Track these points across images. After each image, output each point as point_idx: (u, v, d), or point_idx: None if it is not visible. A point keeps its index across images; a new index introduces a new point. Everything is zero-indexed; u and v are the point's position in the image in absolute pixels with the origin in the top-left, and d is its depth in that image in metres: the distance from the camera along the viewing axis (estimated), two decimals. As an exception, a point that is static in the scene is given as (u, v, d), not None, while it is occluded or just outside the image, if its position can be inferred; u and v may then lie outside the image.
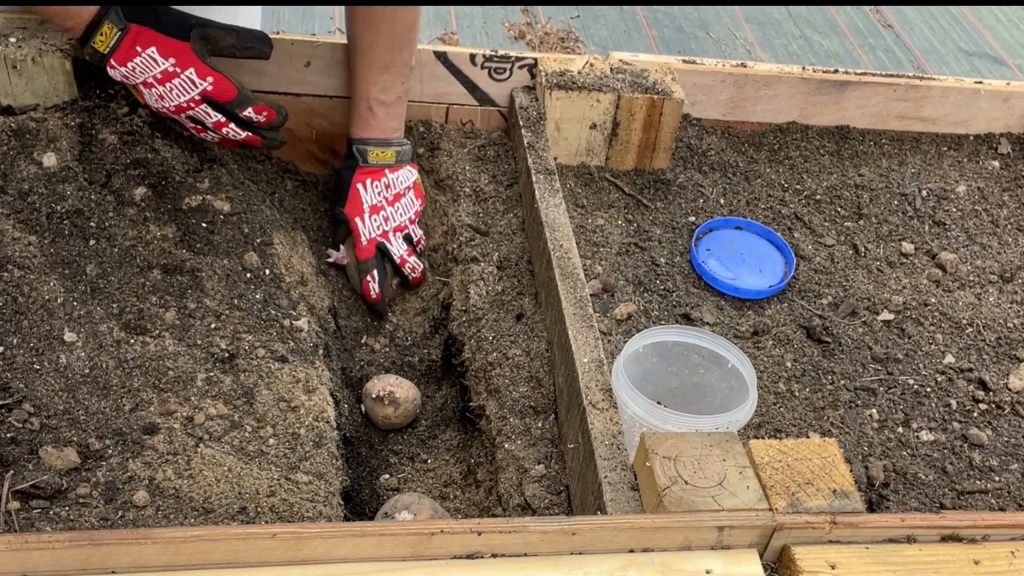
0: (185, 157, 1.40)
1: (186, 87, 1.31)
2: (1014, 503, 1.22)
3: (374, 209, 1.49)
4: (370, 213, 1.49)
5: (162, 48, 1.28)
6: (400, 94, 1.50)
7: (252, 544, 0.85)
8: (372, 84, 1.47)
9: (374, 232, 1.49)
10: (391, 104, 1.50)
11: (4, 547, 0.81)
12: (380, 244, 1.50)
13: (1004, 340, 1.43)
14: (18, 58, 1.38)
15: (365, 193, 1.49)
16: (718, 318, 1.40)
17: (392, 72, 1.47)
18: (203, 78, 1.31)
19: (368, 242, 1.49)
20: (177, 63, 1.29)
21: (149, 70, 1.29)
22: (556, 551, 0.90)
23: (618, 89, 1.56)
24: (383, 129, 1.50)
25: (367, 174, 1.49)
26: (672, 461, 0.98)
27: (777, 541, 0.94)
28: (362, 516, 1.27)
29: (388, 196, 1.50)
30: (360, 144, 1.50)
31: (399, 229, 1.51)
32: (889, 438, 1.27)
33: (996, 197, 1.70)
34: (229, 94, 1.33)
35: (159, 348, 1.20)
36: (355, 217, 1.49)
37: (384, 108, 1.49)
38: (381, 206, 1.50)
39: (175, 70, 1.29)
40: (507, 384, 1.30)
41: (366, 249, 1.50)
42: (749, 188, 1.64)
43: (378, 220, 1.49)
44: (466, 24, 4.02)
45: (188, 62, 1.29)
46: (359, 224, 1.49)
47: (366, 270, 1.50)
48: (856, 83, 1.72)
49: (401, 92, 1.50)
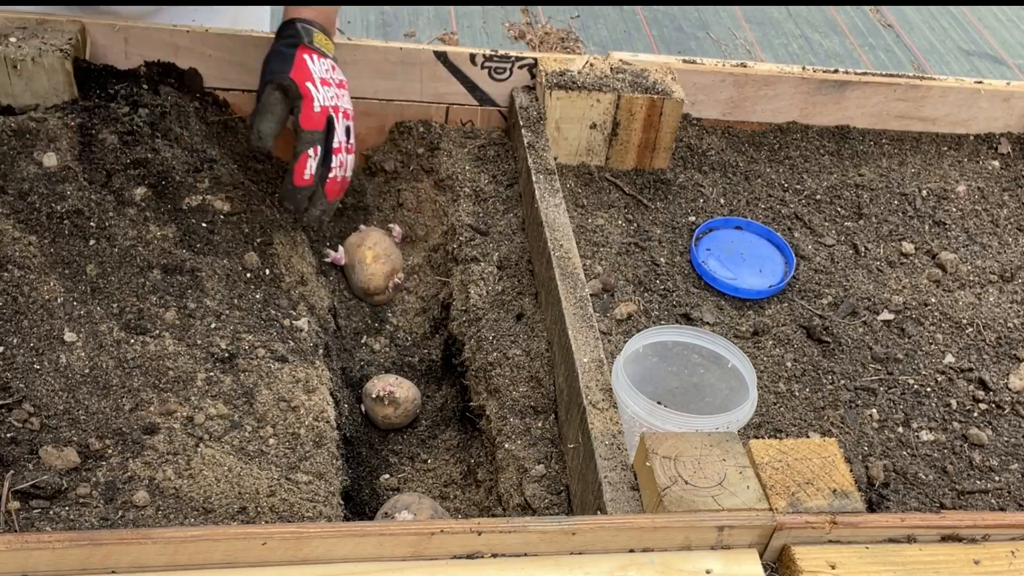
0: (185, 156, 1.40)
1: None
2: (1014, 503, 1.22)
3: (324, 81, 1.34)
4: (321, 83, 1.34)
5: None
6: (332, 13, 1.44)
7: (252, 544, 0.85)
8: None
9: (327, 101, 1.33)
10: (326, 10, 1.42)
11: (4, 547, 0.81)
12: (330, 117, 1.33)
13: (1004, 340, 1.43)
14: (18, 58, 1.38)
15: (313, 65, 1.34)
16: (718, 318, 1.40)
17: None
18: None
19: (321, 110, 1.32)
20: None
21: None
22: (556, 551, 0.90)
23: (618, 89, 1.56)
24: (324, 16, 1.40)
25: (312, 52, 1.36)
26: (672, 461, 0.98)
27: (777, 541, 0.94)
28: (362, 516, 1.27)
29: (335, 78, 1.37)
30: (305, 23, 1.37)
31: (346, 115, 1.36)
32: (889, 438, 1.27)
33: (996, 197, 1.70)
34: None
35: (159, 348, 1.20)
36: (306, 82, 1.32)
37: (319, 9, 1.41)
38: (330, 83, 1.35)
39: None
40: (507, 384, 1.30)
41: (316, 118, 1.32)
42: (749, 188, 1.64)
43: (330, 92, 1.34)
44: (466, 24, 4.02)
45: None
46: (311, 89, 1.32)
47: (310, 142, 1.32)
48: (856, 83, 1.72)
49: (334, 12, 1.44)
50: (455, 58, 1.60)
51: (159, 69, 1.50)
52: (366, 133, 1.64)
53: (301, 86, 1.32)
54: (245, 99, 1.56)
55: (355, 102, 1.60)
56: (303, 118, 1.31)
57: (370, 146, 1.65)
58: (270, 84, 1.33)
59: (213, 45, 1.51)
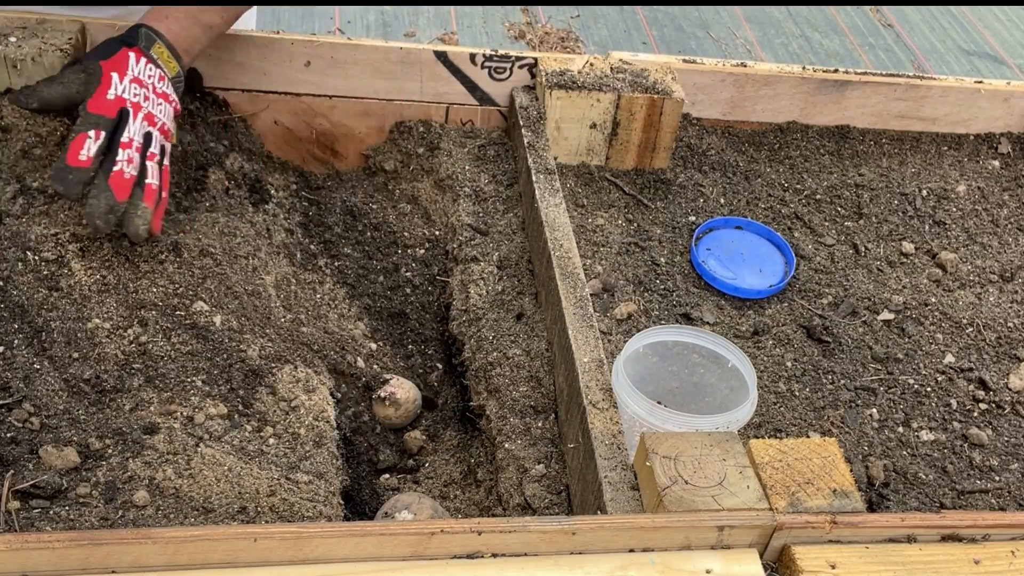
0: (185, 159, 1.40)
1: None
2: (1014, 503, 1.22)
3: (137, 81, 1.26)
4: (132, 81, 1.25)
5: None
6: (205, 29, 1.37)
7: (252, 544, 0.85)
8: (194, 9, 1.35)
9: (127, 95, 1.24)
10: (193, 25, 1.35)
11: (4, 547, 0.81)
12: (125, 110, 1.23)
13: (1004, 340, 1.43)
14: (18, 57, 1.38)
15: (136, 64, 1.27)
16: (718, 318, 1.40)
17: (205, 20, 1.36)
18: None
19: (116, 100, 1.23)
20: None
21: None
22: (556, 551, 0.90)
23: (618, 89, 1.56)
24: (178, 37, 1.33)
25: (142, 55, 1.28)
26: (672, 461, 0.98)
27: (777, 541, 0.94)
28: (362, 516, 1.28)
29: (157, 88, 1.28)
30: (152, 32, 1.31)
31: (150, 119, 1.26)
32: (889, 438, 1.27)
33: (996, 197, 1.70)
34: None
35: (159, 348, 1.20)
36: (112, 71, 1.25)
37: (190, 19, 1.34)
38: (147, 86, 1.26)
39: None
40: (507, 384, 1.30)
41: (108, 105, 1.22)
42: (749, 188, 1.64)
43: (138, 91, 1.25)
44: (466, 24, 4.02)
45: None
46: (114, 78, 1.24)
47: (93, 124, 1.21)
48: (856, 83, 1.72)
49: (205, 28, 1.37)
50: (455, 58, 1.60)
51: (159, 69, 1.50)
52: (366, 133, 1.64)
53: (104, 73, 1.24)
54: (245, 99, 1.56)
55: (355, 102, 1.60)
56: (91, 101, 1.23)
57: (370, 146, 1.65)
58: (78, 63, 1.27)
59: (213, 45, 1.51)
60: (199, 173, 1.41)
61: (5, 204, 1.26)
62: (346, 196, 1.61)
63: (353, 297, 1.53)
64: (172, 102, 1.31)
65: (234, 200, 1.42)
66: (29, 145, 1.32)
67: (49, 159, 1.31)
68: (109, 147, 1.21)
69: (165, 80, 1.30)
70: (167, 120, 1.29)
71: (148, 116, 1.26)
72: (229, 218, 1.38)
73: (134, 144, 1.22)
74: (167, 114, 1.30)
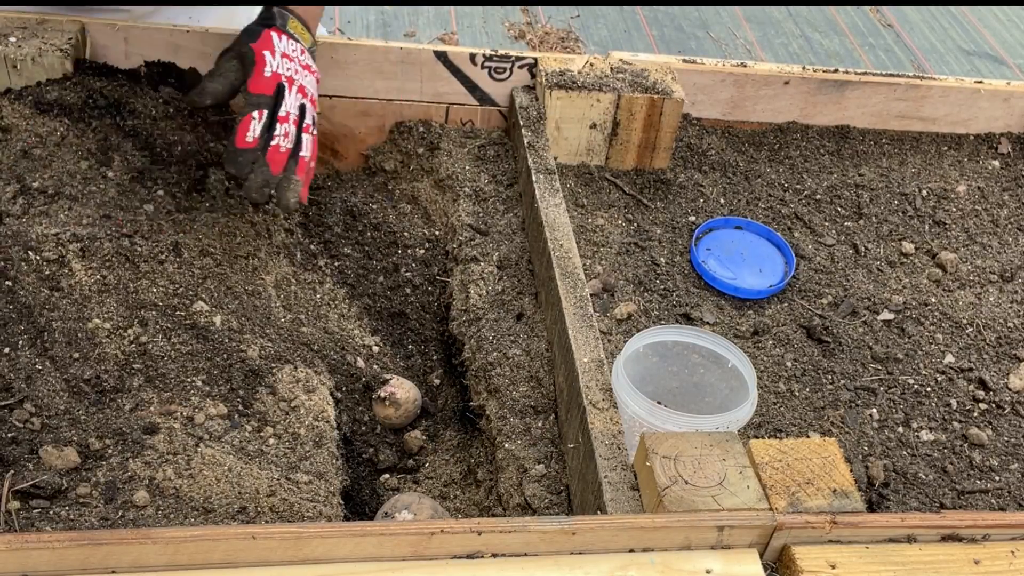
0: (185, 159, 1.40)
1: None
2: (1014, 503, 1.22)
3: (286, 55, 1.32)
4: (281, 55, 1.31)
5: None
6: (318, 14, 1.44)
7: (252, 544, 0.85)
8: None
9: (281, 70, 1.30)
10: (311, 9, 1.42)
11: (4, 547, 0.81)
12: (281, 85, 1.29)
13: (1004, 340, 1.43)
14: (18, 58, 1.38)
15: (279, 42, 1.33)
16: (718, 318, 1.40)
17: None
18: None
19: (272, 76, 1.29)
20: None
21: None
22: (556, 551, 0.90)
23: (618, 89, 1.56)
24: (306, 11, 1.40)
25: (282, 32, 1.35)
26: (672, 461, 0.98)
27: (777, 541, 0.94)
28: (362, 516, 1.28)
29: (302, 60, 1.34)
30: (284, 10, 1.37)
31: (302, 91, 1.32)
32: (889, 438, 1.27)
33: (996, 197, 1.70)
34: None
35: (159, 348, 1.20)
36: (264, 50, 1.30)
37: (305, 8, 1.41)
38: (294, 59, 1.33)
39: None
40: (507, 384, 1.30)
41: (264, 83, 1.29)
42: (749, 188, 1.64)
43: (288, 64, 1.31)
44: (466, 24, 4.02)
45: None
46: (267, 56, 1.30)
47: (256, 105, 1.27)
48: (856, 83, 1.72)
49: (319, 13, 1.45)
50: (455, 58, 1.60)
51: (159, 69, 1.50)
52: (366, 133, 1.64)
53: (257, 53, 1.30)
54: (245, 99, 1.56)
55: (355, 102, 1.60)
56: (251, 82, 1.29)
57: (370, 146, 1.65)
58: (229, 52, 1.33)
59: (213, 45, 1.51)
60: (199, 173, 1.41)
61: (5, 204, 1.26)
62: (346, 196, 1.61)
63: (353, 297, 1.53)
64: (314, 72, 1.38)
65: (234, 200, 1.42)
66: (29, 145, 1.32)
67: (49, 159, 1.31)
68: (270, 123, 1.27)
69: (305, 52, 1.36)
70: (313, 90, 1.35)
71: (300, 88, 1.32)
72: (229, 218, 1.38)
73: (291, 117, 1.29)
74: (312, 84, 1.36)
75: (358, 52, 1.56)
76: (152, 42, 1.50)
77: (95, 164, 1.34)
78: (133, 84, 1.46)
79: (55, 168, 1.31)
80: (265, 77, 1.29)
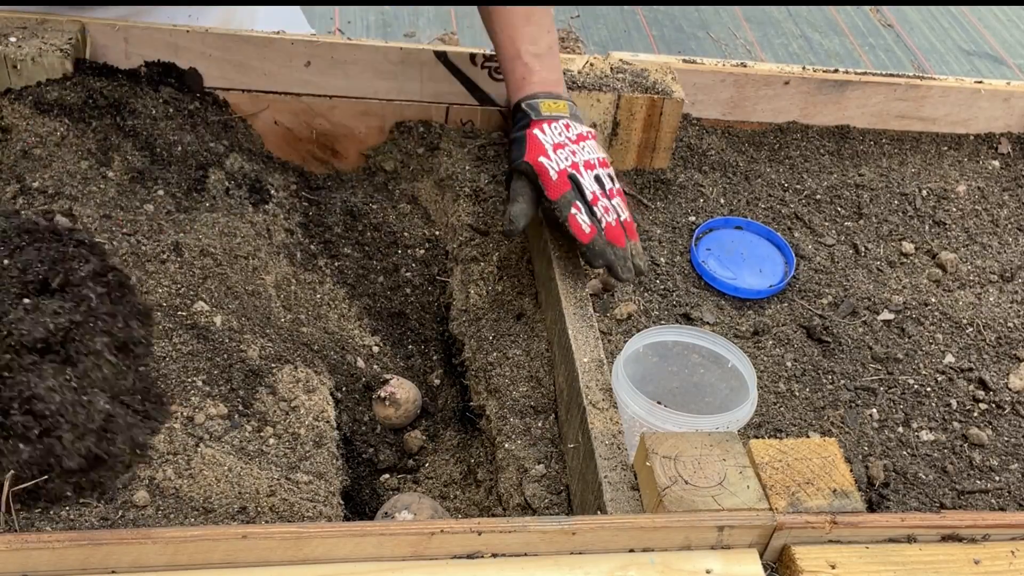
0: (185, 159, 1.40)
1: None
2: (1014, 503, 1.22)
3: (557, 146, 1.33)
4: (554, 149, 1.33)
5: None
6: (551, 44, 1.42)
7: (252, 544, 0.85)
8: (519, 40, 1.40)
9: (563, 164, 1.32)
10: (544, 56, 1.42)
11: (4, 547, 0.81)
12: (572, 175, 1.31)
13: (1004, 340, 1.43)
14: (18, 58, 1.38)
15: (544, 136, 1.34)
16: (718, 318, 1.40)
17: (535, 20, 1.41)
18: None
19: (559, 175, 1.31)
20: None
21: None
22: (556, 551, 0.90)
23: (618, 89, 1.56)
24: (546, 83, 1.40)
25: (543, 122, 1.36)
26: (672, 461, 0.98)
27: (777, 541, 0.94)
28: (362, 516, 1.28)
29: (571, 136, 1.35)
30: (529, 100, 1.38)
31: (589, 165, 1.33)
32: (889, 438, 1.27)
33: (996, 197, 1.70)
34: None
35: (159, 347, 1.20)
36: (539, 158, 1.32)
37: (539, 60, 1.41)
38: (564, 143, 1.34)
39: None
40: (507, 384, 1.30)
41: (558, 184, 1.30)
42: (749, 188, 1.64)
43: (564, 154, 1.33)
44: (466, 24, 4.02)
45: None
46: (545, 162, 1.31)
47: (566, 205, 1.29)
48: (856, 83, 1.72)
49: (551, 42, 1.42)
50: (455, 58, 1.60)
51: (159, 69, 1.50)
52: (366, 133, 1.64)
53: (535, 164, 1.32)
54: (245, 99, 1.56)
55: (355, 102, 1.60)
56: (548, 192, 1.32)
57: (370, 146, 1.65)
58: (513, 172, 1.36)
59: (213, 45, 1.51)
60: (199, 173, 1.41)
61: (5, 204, 1.26)
62: (346, 196, 1.61)
63: (353, 297, 1.53)
64: (587, 135, 1.38)
65: (234, 200, 1.42)
66: (29, 145, 1.32)
67: (49, 159, 1.32)
68: (589, 208, 1.31)
69: (571, 124, 1.36)
70: (597, 154, 1.36)
71: (587, 164, 1.33)
72: (229, 218, 1.38)
73: (598, 196, 1.31)
74: (593, 148, 1.36)
75: (358, 52, 1.56)
76: (152, 42, 1.50)
77: (95, 164, 1.34)
78: (133, 84, 1.46)
79: (55, 168, 1.31)
80: (554, 182, 1.31)
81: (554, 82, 1.41)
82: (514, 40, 1.40)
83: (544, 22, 1.42)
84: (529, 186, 1.33)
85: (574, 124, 1.36)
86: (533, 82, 1.40)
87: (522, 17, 1.39)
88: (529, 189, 1.33)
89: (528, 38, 1.40)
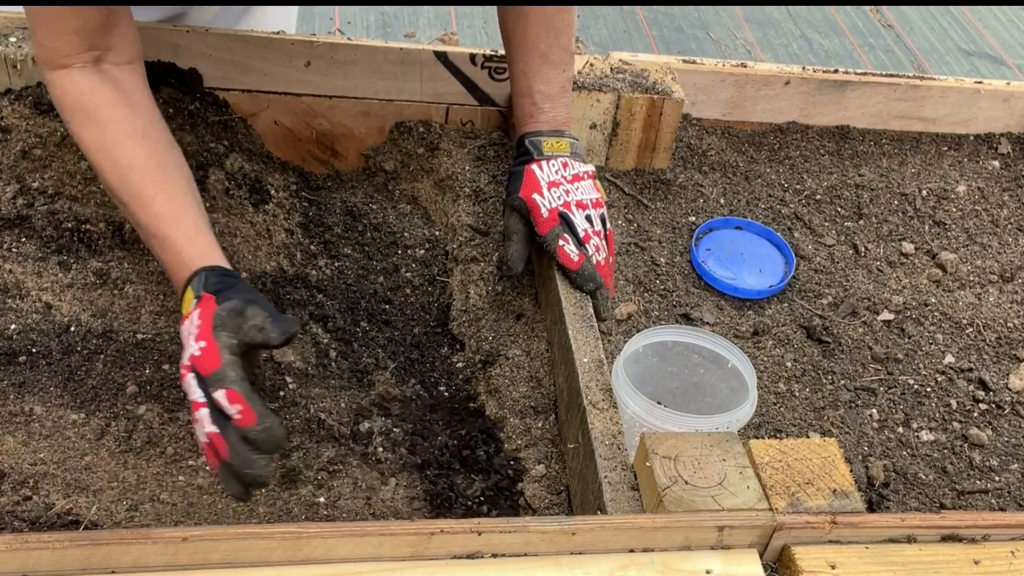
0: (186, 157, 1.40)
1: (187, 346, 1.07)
2: (1014, 503, 1.22)
3: (552, 184, 1.36)
4: (548, 187, 1.35)
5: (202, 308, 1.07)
6: (564, 84, 1.43)
7: (252, 544, 0.85)
8: (533, 77, 1.41)
9: (555, 202, 1.34)
10: (556, 96, 1.43)
11: (4, 547, 0.81)
12: (562, 212, 1.34)
13: (1004, 340, 1.43)
14: (18, 58, 1.38)
15: (541, 173, 1.36)
16: (718, 318, 1.40)
17: (551, 61, 1.41)
18: (199, 340, 1.04)
19: (549, 212, 1.34)
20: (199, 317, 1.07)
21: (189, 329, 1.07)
22: (556, 551, 0.90)
23: (618, 89, 1.56)
24: (551, 121, 1.42)
25: (541, 161, 1.38)
26: (672, 461, 0.98)
27: (777, 541, 0.94)
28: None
29: (567, 175, 1.37)
30: (532, 136, 1.40)
31: (581, 205, 1.35)
32: (889, 438, 1.27)
33: (996, 197, 1.70)
34: (212, 365, 1.02)
35: (159, 348, 1.20)
36: (532, 194, 1.35)
37: (549, 100, 1.42)
38: (560, 183, 1.36)
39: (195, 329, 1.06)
40: (507, 384, 1.30)
41: (548, 221, 1.33)
42: (749, 188, 1.64)
43: (558, 192, 1.35)
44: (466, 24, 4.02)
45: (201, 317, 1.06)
46: (537, 199, 1.34)
47: (554, 238, 1.32)
48: (856, 83, 1.72)
49: (564, 82, 1.43)
50: (455, 58, 1.59)
51: (159, 69, 1.50)
52: (366, 133, 1.64)
53: (528, 200, 1.35)
54: (245, 99, 1.56)
55: (355, 102, 1.60)
56: (537, 228, 1.35)
57: (370, 146, 1.65)
58: (506, 207, 1.39)
59: (213, 45, 1.51)
60: (199, 173, 1.41)
61: (5, 204, 1.26)
62: (346, 196, 1.61)
63: (353, 297, 1.53)
64: (585, 174, 1.39)
65: (234, 200, 1.42)
66: (29, 145, 1.32)
67: (49, 159, 1.32)
68: (578, 240, 1.33)
69: (568, 163, 1.38)
70: (592, 194, 1.37)
71: (579, 204, 1.35)
72: (229, 218, 1.38)
73: (589, 235, 1.33)
74: (588, 189, 1.37)
75: (358, 52, 1.56)
76: (152, 42, 1.49)
77: (95, 164, 1.34)
78: (133, 84, 1.46)
79: (55, 168, 1.31)
80: (544, 219, 1.34)
81: (561, 121, 1.43)
82: (527, 76, 1.41)
83: (562, 60, 1.42)
84: (521, 221, 1.37)
85: (572, 163, 1.38)
86: (540, 120, 1.42)
87: (538, 56, 1.40)
88: (522, 225, 1.37)
89: (542, 77, 1.41)
